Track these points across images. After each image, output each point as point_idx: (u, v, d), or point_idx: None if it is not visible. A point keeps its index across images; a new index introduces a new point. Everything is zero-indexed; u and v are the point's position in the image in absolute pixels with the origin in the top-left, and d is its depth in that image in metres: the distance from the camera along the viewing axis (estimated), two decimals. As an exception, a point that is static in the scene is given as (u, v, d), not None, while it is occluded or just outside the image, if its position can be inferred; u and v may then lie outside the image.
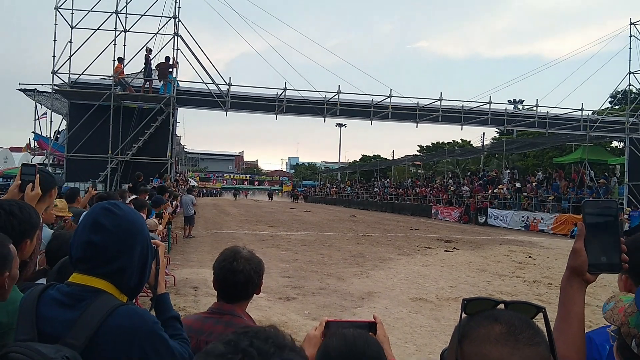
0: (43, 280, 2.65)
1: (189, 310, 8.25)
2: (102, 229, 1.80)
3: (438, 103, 29.87)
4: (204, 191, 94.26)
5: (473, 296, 1.22)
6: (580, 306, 1.58)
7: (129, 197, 10.09)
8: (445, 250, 17.92)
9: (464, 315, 1.22)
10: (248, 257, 2.56)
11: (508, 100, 41.45)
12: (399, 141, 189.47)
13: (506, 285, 11.91)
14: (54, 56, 24.25)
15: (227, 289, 2.53)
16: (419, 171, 65.64)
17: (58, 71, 24.45)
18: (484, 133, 51.35)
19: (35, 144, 26.47)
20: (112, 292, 1.79)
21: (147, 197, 11.56)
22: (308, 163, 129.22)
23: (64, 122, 26.37)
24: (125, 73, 25.43)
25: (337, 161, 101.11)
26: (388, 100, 29.23)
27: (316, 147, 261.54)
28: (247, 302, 2.59)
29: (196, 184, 72.80)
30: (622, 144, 37.02)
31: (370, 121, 30.22)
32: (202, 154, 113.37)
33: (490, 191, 36.31)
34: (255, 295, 2.62)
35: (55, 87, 24.54)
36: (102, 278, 1.79)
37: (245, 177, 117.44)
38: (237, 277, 2.49)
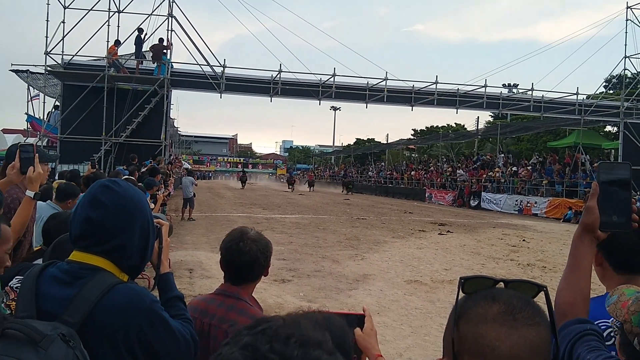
0: (40, 261, 2.63)
1: (184, 293, 8.23)
2: (100, 205, 1.77)
3: (433, 86, 29.82)
4: (198, 174, 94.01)
5: (471, 274, 1.18)
6: (590, 260, 1.62)
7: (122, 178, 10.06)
8: (439, 234, 17.97)
9: (461, 294, 1.19)
10: (255, 237, 2.52)
11: (503, 84, 41.39)
12: (394, 125, 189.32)
13: (500, 268, 11.97)
14: (46, 37, 24.05)
15: (233, 270, 2.50)
16: (413, 155, 65.66)
17: (51, 52, 24.24)
18: (478, 117, 51.34)
19: (29, 125, 26.31)
20: (112, 270, 1.77)
21: (136, 176, 11.60)
22: (302, 146, 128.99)
23: (56, 103, 26.24)
24: (118, 54, 25.25)
25: (332, 144, 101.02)
26: (383, 83, 29.15)
27: (310, 131, 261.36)
28: (253, 285, 2.55)
29: (190, 167, 72.60)
30: (616, 128, 37.09)
31: (365, 104, 30.16)
32: (195, 136, 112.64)
33: (485, 175, 36.40)
34: (263, 277, 2.59)
35: (48, 68, 24.35)
36: (102, 256, 1.76)
37: (239, 160, 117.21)
38: (243, 258, 2.45)
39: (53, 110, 26.47)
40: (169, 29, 25.28)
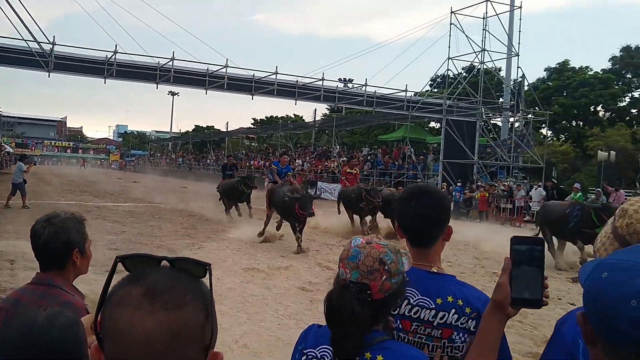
0: None
1: (4, 285, 7.69)
2: None
3: (274, 76, 30.10)
4: (18, 158, 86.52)
5: (131, 253, 1.08)
6: (497, 337, 1.63)
7: None
8: (277, 221, 18.28)
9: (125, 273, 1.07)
10: (55, 221, 2.43)
11: (339, 79, 42.98)
12: (234, 113, 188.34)
13: (334, 253, 12.48)
14: None
15: (36, 256, 2.45)
16: (253, 144, 66.01)
17: None
18: (315, 109, 52.86)
19: None
20: None
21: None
22: (137, 132, 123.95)
23: None
24: None
25: (169, 131, 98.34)
26: (224, 70, 28.89)
27: (147, 116, 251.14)
28: (64, 272, 2.44)
29: (12, 151, 66.63)
30: (439, 124, 40.05)
31: (205, 90, 29.74)
32: (19, 118, 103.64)
33: (321, 165, 37.65)
34: (76, 263, 2.47)
35: None
36: None
37: (69, 144, 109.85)
38: (37, 241, 2.40)
39: None
40: (-12, -2, 23.03)
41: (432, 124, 47.28)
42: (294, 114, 65.63)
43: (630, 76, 43.16)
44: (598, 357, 1.13)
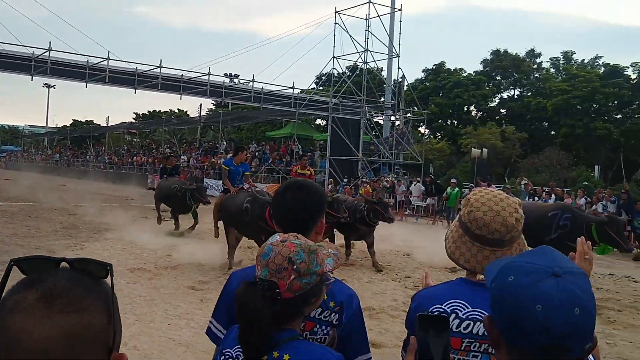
0: None
1: None
2: None
3: (158, 70, 29.41)
4: None
5: (25, 255, 1.01)
6: None
7: None
8: (163, 220, 17.95)
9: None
10: None
11: (225, 74, 42.73)
12: (115, 107, 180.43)
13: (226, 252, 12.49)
14: None
15: None
16: (135, 139, 63.96)
17: None
18: (201, 104, 52.12)
19: None
20: None
21: None
22: (9, 126, 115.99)
23: None
24: None
25: (45, 125, 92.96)
26: (105, 62, 27.84)
27: (19, 109, 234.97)
28: None
29: None
30: (325, 121, 40.84)
31: (85, 83, 28.52)
32: None
33: (207, 161, 37.24)
34: None
35: None
36: None
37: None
38: None
39: None
40: None
41: (319, 121, 48.12)
42: (178, 109, 64.26)
43: (499, 78, 46.42)
44: None
